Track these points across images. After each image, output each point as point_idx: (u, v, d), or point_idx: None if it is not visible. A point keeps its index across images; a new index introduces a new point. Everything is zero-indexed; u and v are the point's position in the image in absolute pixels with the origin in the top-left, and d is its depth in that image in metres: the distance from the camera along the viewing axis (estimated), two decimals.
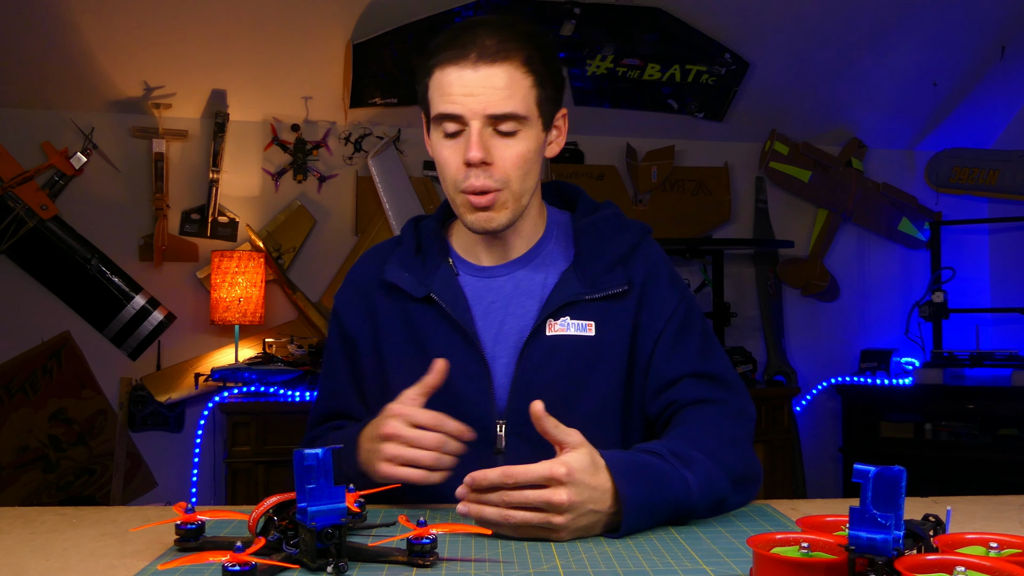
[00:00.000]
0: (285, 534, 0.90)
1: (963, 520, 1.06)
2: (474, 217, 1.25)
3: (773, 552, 0.77)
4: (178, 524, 0.95)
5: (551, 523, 0.98)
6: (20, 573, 0.87)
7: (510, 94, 1.21)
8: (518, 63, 1.22)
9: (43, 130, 3.66)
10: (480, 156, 1.21)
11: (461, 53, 1.21)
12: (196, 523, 0.95)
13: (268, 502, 0.91)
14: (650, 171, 4.12)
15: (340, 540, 0.86)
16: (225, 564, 0.79)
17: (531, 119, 1.24)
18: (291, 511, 0.91)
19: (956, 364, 3.85)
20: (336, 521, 0.86)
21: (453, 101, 1.21)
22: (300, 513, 0.86)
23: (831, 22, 3.67)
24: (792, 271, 4.26)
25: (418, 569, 0.87)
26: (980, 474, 3.68)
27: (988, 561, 0.72)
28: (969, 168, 4.17)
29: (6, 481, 3.63)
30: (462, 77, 1.21)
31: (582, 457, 1.01)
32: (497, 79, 1.21)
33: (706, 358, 1.29)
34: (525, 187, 1.26)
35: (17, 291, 3.66)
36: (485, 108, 1.21)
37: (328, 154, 3.91)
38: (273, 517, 0.91)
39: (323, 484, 0.86)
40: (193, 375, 3.64)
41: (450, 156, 1.24)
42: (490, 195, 1.23)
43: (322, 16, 3.46)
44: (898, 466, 0.71)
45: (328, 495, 0.86)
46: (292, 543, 0.89)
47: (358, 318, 1.36)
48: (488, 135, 1.22)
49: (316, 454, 0.86)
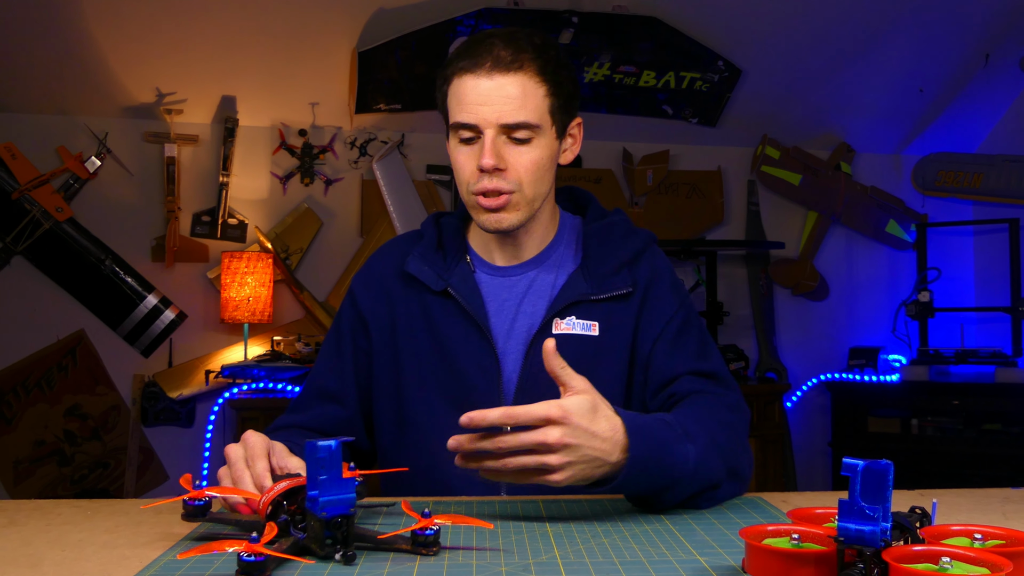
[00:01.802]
0: (293, 518, 0.90)
1: (948, 512, 1.06)
2: (486, 217, 1.26)
3: (765, 543, 0.77)
4: (185, 500, 0.95)
5: (545, 464, 0.97)
6: (37, 563, 0.87)
7: (523, 103, 1.22)
8: (532, 73, 1.23)
9: (59, 135, 3.66)
10: (492, 163, 1.22)
11: (477, 63, 1.22)
12: (203, 500, 0.95)
13: (278, 487, 0.92)
14: (646, 175, 4.12)
15: (348, 529, 0.86)
16: (240, 553, 0.79)
17: (544, 127, 1.25)
18: (300, 497, 0.91)
19: (941, 361, 3.86)
20: (345, 511, 0.86)
21: (468, 111, 1.22)
22: (310, 502, 0.87)
23: (821, 31, 3.67)
24: (783, 271, 4.26)
25: (422, 558, 0.88)
26: (965, 468, 3.68)
27: (973, 552, 0.72)
28: (954, 172, 4.17)
29: (23, 474, 3.63)
30: (477, 86, 1.22)
31: (582, 401, 1.00)
32: (511, 88, 1.22)
33: (704, 358, 1.30)
34: (537, 192, 1.27)
35: (33, 291, 3.66)
36: (499, 117, 1.21)
37: (334, 158, 3.91)
38: (283, 502, 0.91)
39: (334, 475, 0.86)
40: (204, 372, 3.65)
41: (465, 161, 1.25)
42: (502, 197, 1.24)
43: (328, 25, 3.46)
44: (885, 460, 0.71)
45: (338, 486, 0.86)
46: (300, 527, 0.89)
47: (375, 301, 1.36)
48: (502, 143, 1.23)
49: (328, 446, 0.86)
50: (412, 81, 3.67)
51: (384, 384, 1.34)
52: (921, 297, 3.97)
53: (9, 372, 3.63)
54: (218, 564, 0.84)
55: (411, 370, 1.31)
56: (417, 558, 0.87)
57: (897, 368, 4.00)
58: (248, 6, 3.32)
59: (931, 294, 3.98)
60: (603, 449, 1.00)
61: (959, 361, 3.82)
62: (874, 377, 3.92)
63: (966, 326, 4.11)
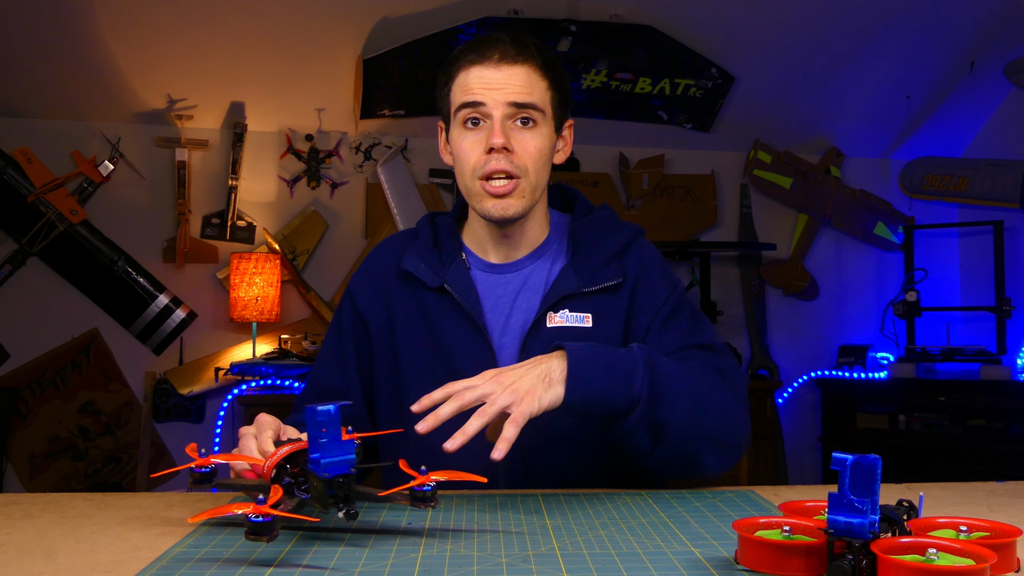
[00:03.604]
0: (296, 481, 0.91)
1: (935, 505, 1.06)
2: (492, 204, 1.25)
3: (757, 535, 0.77)
4: (192, 468, 0.95)
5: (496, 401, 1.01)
6: (51, 555, 0.87)
7: (531, 89, 1.24)
8: (535, 66, 1.25)
9: (73, 140, 3.66)
10: (502, 142, 1.22)
11: (484, 55, 1.24)
12: (209, 466, 0.95)
13: (281, 451, 0.92)
14: (641, 178, 4.12)
15: (349, 488, 0.87)
16: (249, 515, 0.79)
17: (547, 116, 1.27)
18: (302, 460, 0.91)
19: (928, 359, 3.85)
20: (346, 471, 0.87)
21: (476, 92, 1.23)
22: (312, 464, 0.87)
23: (811, 39, 3.67)
24: (774, 272, 4.26)
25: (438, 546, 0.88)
26: (950, 462, 3.68)
27: (958, 544, 0.72)
28: (940, 175, 4.17)
29: (38, 469, 3.63)
30: (485, 75, 1.23)
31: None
32: (518, 77, 1.24)
33: (695, 333, 1.29)
34: (539, 181, 1.28)
35: (49, 291, 3.66)
36: (507, 97, 1.22)
37: (340, 162, 3.91)
38: (286, 465, 0.92)
39: (333, 437, 0.87)
40: (213, 369, 3.65)
41: (471, 146, 1.25)
42: (511, 181, 1.24)
43: (334, 33, 3.46)
44: (873, 455, 0.71)
45: (338, 447, 0.87)
46: (303, 488, 0.90)
47: (373, 300, 1.36)
48: (509, 126, 1.24)
49: (328, 410, 0.87)
50: (415, 88, 3.67)
51: (384, 380, 1.34)
52: (908, 297, 3.97)
53: (25, 370, 3.63)
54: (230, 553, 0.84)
55: (409, 366, 1.30)
56: (420, 548, 0.87)
57: (885, 366, 4.00)
58: (257, 16, 3.32)
59: (918, 294, 3.98)
60: (541, 365, 1.05)
61: (945, 359, 3.81)
62: (863, 374, 3.92)
63: (952, 325, 4.11)
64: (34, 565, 0.83)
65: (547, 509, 1.05)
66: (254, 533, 0.79)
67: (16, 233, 3.61)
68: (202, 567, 0.81)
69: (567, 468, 1.27)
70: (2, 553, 0.87)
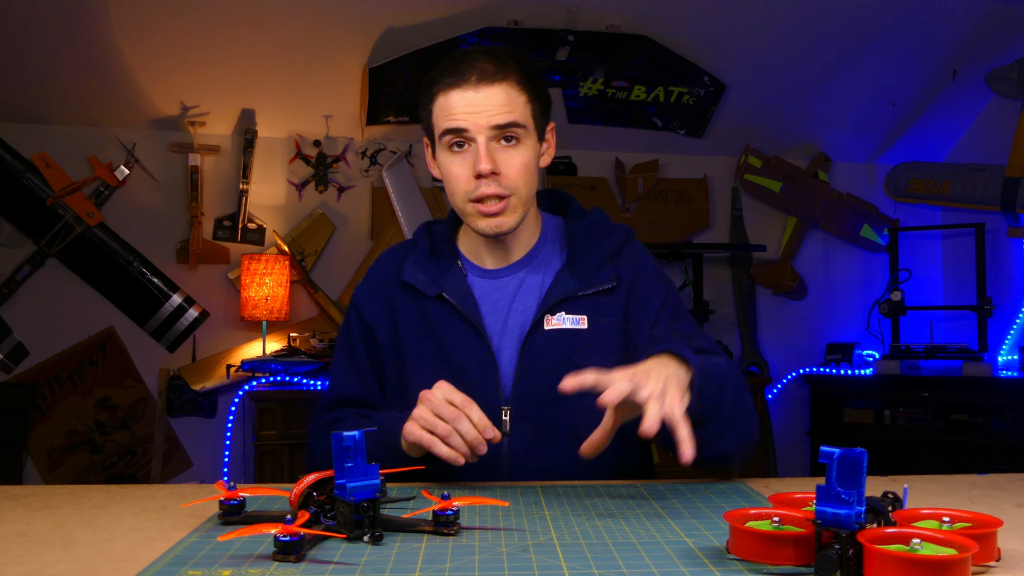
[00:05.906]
0: (322, 508, 0.90)
1: (918, 497, 1.06)
2: (485, 223, 1.25)
3: (748, 526, 0.77)
4: (221, 500, 0.95)
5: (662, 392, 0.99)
6: (70, 544, 0.87)
7: (511, 108, 1.22)
8: (513, 82, 1.23)
9: (90, 145, 3.66)
10: (489, 167, 1.21)
11: (462, 78, 1.22)
12: (238, 499, 0.95)
13: (307, 480, 0.91)
14: (637, 182, 4.12)
15: (374, 512, 0.86)
16: (277, 535, 0.79)
17: (529, 129, 1.25)
18: (328, 487, 0.91)
19: (912, 356, 3.85)
20: (371, 496, 0.86)
21: (459, 119, 1.22)
22: (338, 489, 0.87)
23: (800, 49, 3.67)
24: (764, 272, 4.26)
25: (441, 537, 0.88)
26: (934, 455, 3.68)
27: (941, 534, 0.72)
28: (924, 180, 4.17)
29: (56, 462, 3.63)
30: (464, 97, 1.22)
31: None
32: (497, 97, 1.22)
33: (698, 337, 1.30)
34: (530, 192, 1.27)
35: (66, 290, 3.66)
36: (489, 120, 1.21)
37: (347, 167, 3.91)
38: (313, 493, 0.91)
39: (359, 463, 0.86)
40: (225, 366, 3.65)
41: (459, 170, 1.24)
42: (502, 202, 1.23)
43: (341, 43, 3.46)
44: (860, 448, 0.71)
45: (363, 472, 0.87)
46: (329, 515, 0.89)
47: (378, 310, 1.35)
48: (493, 148, 1.22)
49: (353, 436, 0.86)
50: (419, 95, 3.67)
51: (392, 386, 1.34)
52: (893, 296, 3.96)
53: (44, 366, 3.63)
54: (240, 543, 0.84)
55: (414, 371, 1.29)
56: (423, 539, 0.87)
57: (871, 363, 4.00)
58: (267, 25, 3.32)
59: (902, 294, 3.97)
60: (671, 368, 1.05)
61: (928, 356, 3.81)
62: (849, 371, 3.92)
63: (935, 323, 4.10)
64: (52, 554, 0.83)
65: (546, 501, 1.05)
66: (282, 552, 0.78)
67: (35, 235, 3.61)
68: (214, 557, 0.81)
69: (567, 464, 1.26)
70: (22, 543, 0.87)
